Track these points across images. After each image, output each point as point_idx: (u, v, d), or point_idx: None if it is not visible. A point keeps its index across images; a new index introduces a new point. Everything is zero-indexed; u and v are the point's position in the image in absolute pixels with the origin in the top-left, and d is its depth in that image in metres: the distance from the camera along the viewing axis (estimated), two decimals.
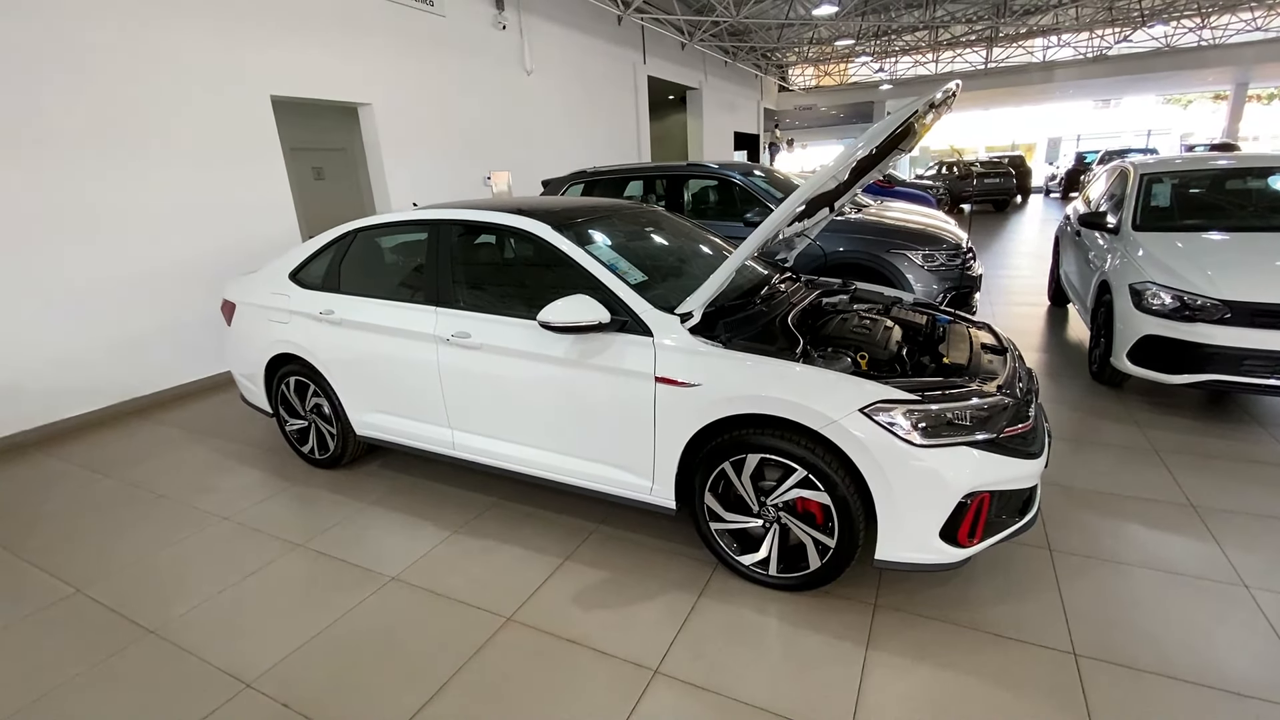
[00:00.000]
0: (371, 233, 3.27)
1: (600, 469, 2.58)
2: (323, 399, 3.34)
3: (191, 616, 2.39)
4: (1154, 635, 2.05)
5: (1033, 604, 2.23)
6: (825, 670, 1.98)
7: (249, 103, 5.29)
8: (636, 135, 11.81)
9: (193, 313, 5.05)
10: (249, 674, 2.08)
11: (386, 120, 6.64)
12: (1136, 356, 3.69)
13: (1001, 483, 2.04)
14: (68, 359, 4.39)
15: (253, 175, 5.37)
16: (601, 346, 2.42)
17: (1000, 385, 2.23)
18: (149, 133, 4.65)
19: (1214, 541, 2.52)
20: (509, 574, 2.54)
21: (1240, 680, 1.86)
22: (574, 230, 2.73)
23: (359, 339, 3.08)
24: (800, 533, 2.23)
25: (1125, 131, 30.83)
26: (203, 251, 5.07)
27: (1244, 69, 18.80)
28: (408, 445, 3.13)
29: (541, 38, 8.93)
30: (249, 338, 3.56)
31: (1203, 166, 4.66)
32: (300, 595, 2.48)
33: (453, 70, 7.45)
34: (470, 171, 7.81)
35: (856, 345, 2.42)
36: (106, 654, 2.22)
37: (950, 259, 4.72)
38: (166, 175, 4.78)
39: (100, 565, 2.76)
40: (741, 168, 5.53)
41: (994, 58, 19.51)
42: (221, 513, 3.15)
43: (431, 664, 2.08)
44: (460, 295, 2.85)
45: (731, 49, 15.48)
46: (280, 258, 3.58)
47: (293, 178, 6.17)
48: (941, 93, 2.29)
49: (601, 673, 2.01)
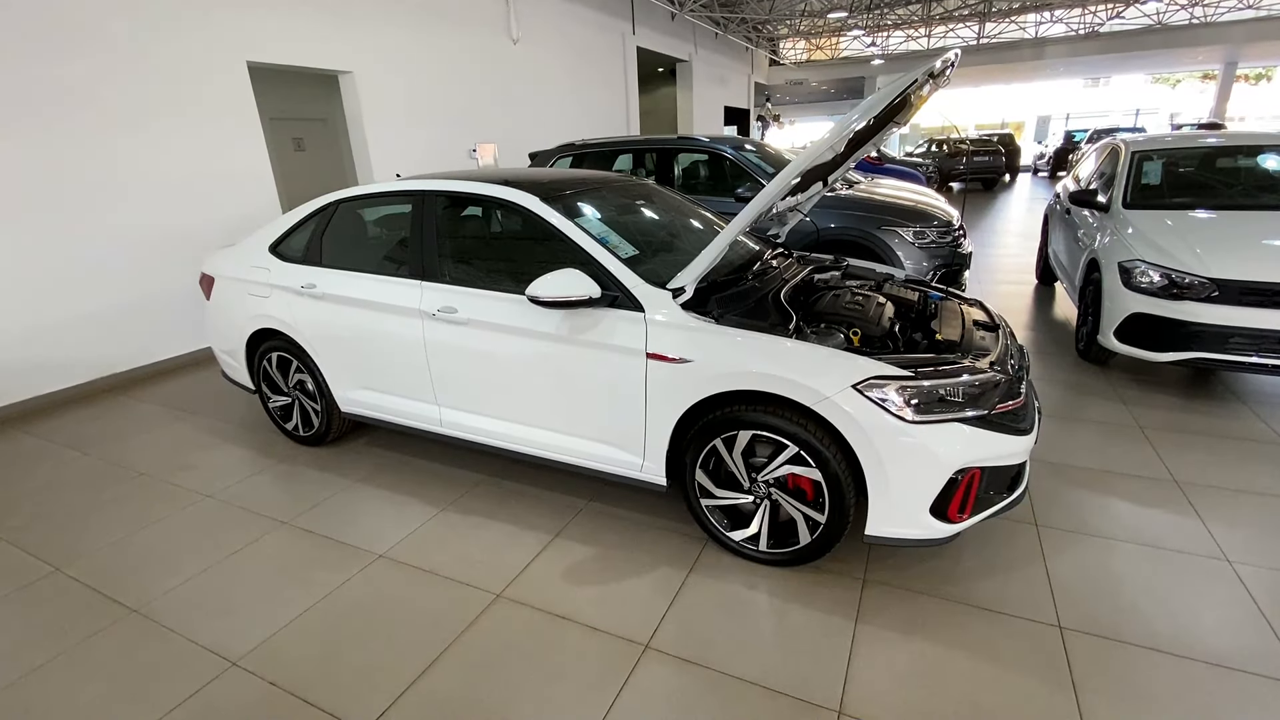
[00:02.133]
0: (354, 204, 3.18)
1: (590, 446, 2.55)
2: (306, 375, 3.27)
3: (174, 595, 2.35)
4: (1138, 608, 2.08)
5: (1019, 578, 2.25)
6: (815, 644, 1.99)
7: (224, 69, 5.10)
8: (626, 108, 11.60)
9: (171, 286, 4.92)
10: (234, 652, 2.06)
11: (369, 89, 6.45)
12: (1124, 334, 3.71)
13: (992, 459, 2.04)
14: (43, 334, 4.27)
15: (229, 145, 5.20)
16: (592, 322, 2.38)
17: (992, 362, 2.22)
18: (117, 101, 4.48)
19: (1197, 516, 2.56)
20: (498, 551, 2.52)
21: (1222, 652, 1.89)
22: (563, 203, 2.67)
23: (342, 314, 3.01)
24: (791, 508, 2.23)
25: (1114, 110, 30.87)
26: (179, 224, 4.92)
27: (1234, 48, 18.76)
28: (394, 422, 3.08)
29: (529, 5, 8.69)
30: (229, 313, 3.47)
31: (1194, 144, 4.65)
32: (286, 573, 2.45)
33: (437, 38, 7.23)
34: (456, 143, 7.63)
35: (849, 321, 2.39)
36: (87, 633, 2.18)
37: (941, 236, 4.70)
38: (138, 144, 4.61)
39: (79, 544, 2.71)
40: (733, 141, 5.45)
41: (986, 33, 19.31)
42: (204, 490, 3.10)
43: (420, 641, 2.07)
44: (446, 269, 2.78)
45: (722, 20, 15.19)
46: (260, 230, 3.49)
47: (272, 148, 6.01)
48: (940, 62, 2.24)
49: (592, 648, 2.01)
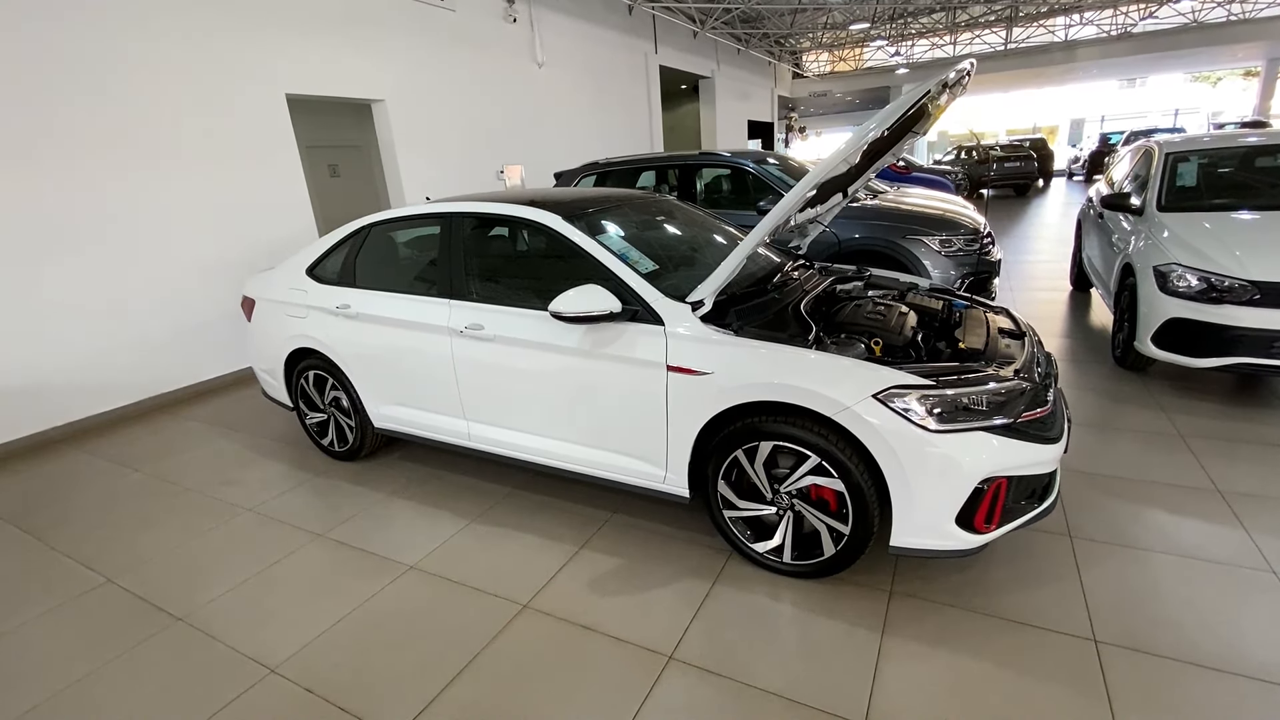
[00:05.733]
0: (385, 227, 3.30)
1: (613, 458, 2.59)
2: (341, 392, 3.39)
3: (217, 604, 2.45)
4: (1177, 621, 2.02)
5: (1052, 590, 2.20)
6: (840, 657, 1.97)
7: (265, 102, 5.36)
8: (649, 125, 11.75)
9: (215, 310, 5.14)
10: (273, 660, 2.13)
11: (400, 116, 6.69)
12: (1161, 340, 3.61)
13: (1019, 468, 2.01)
14: (95, 358, 4.50)
15: (270, 174, 5.44)
16: (613, 336, 2.43)
17: (1017, 369, 2.20)
18: (166, 135, 4.73)
19: (1240, 527, 2.47)
20: (525, 562, 2.57)
21: (1269, 668, 1.82)
22: (585, 220, 2.73)
23: (374, 332, 3.12)
24: (814, 520, 2.22)
25: (1152, 111, 30.00)
26: (223, 250, 5.16)
27: (1275, 44, 18.16)
28: (424, 437, 3.17)
29: (552, 30, 8.91)
30: (268, 333, 3.62)
31: (1230, 144, 4.52)
32: (321, 584, 2.53)
33: (464, 64, 7.47)
34: (484, 165, 7.84)
35: (870, 331, 2.39)
36: (136, 641, 2.28)
37: (968, 244, 4.64)
38: (185, 176, 4.86)
39: (129, 556, 2.84)
40: (754, 155, 5.48)
41: (1014, 38, 19.04)
42: (245, 504, 3.22)
43: (449, 650, 2.11)
44: (473, 287, 2.87)
45: (744, 36, 15.31)
46: (297, 254, 3.64)
47: (309, 175, 6.25)
48: (954, 72, 2.25)
49: (616, 659, 2.03)
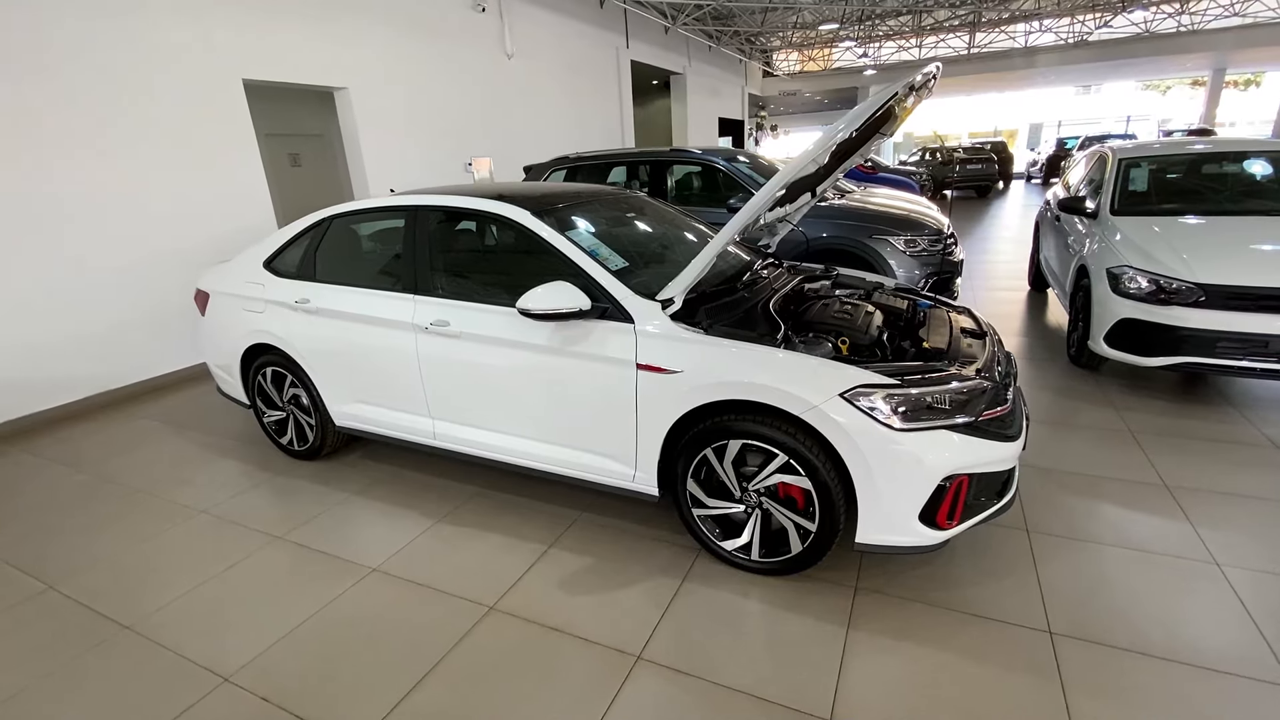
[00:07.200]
0: (347, 219, 3.21)
1: (583, 457, 2.57)
2: (300, 390, 3.29)
3: (168, 611, 2.36)
4: (1128, 613, 2.09)
5: (1010, 584, 2.26)
6: (807, 653, 1.99)
7: (220, 87, 5.15)
8: (620, 120, 11.70)
9: (168, 303, 4.94)
10: (227, 668, 2.06)
11: (364, 105, 6.51)
12: (1113, 340, 3.73)
13: (980, 465, 2.05)
14: (41, 351, 4.28)
15: (226, 161, 5.24)
16: (583, 334, 2.40)
17: (979, 369, 2.25)
18: (116, 119, 4.52)
19: (1187, 520, 2.57)
20: (492, 563, 2.53)
21: (1212, 656, 1.90)
22: (554, 216, 2.70)
23: (336, 328, 3.03)
24: (782, 517, 2.24)
25: (1105, 117, 31.07)
26: (176, 240, 4.95)
27: (1222, 54, 18.97)
28: (388, 435, 3.10)
29: (522, 20, 8.79)
30: (224, 328, 3.49)
31: (1180, 151, 4.70)
32: (280, 588, 2.45)
33: (432, 53, 7.31)
34: (452, 157, 7.69)
35: (838, 330, 2.42)
36: (80, 650, 2.18)
37: (932, 244, 4.73)
38: (136, 163, 4.65)
39: (74, 561, 2.71)
40: (725, 153, 5.50)
41: (977, 43, 19.52)
42: (199, 505, 3.10)
43: (414, 655, 2.07)
44: (439, 282, 2.81)
45: (715, 33, 15.34)
46: (255, 246, 3.51)
47: (268, 164, 6.05)
48: (921, 75, 2.28)
49: (585, 660, 2.01)
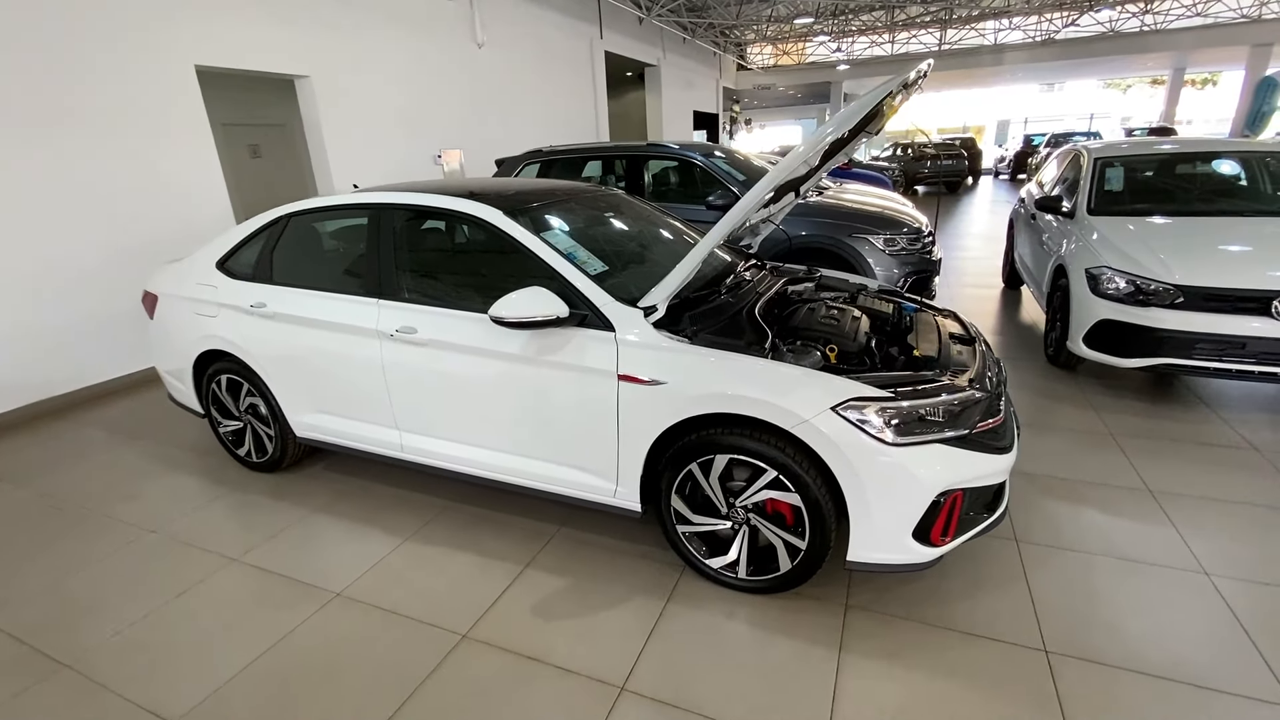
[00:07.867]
0: (307, 218, 3.02)
1: (561, 471, 2.44)
2: (258, 399, 3.09)
3: (111, 645, 2.17)
4: (1120, 628, 2.04)
5: (1002, 598, 2.20)
6: (798, 678, 1.91)
7: (170, 73, 4.85)
8: (595, 113, 11.49)
9: (115, 304, 4.65)
10: (175, 710, 1.89)
11: (327, 94, 6.23)
12: (1092, 340, 3.73)
13: (974, 479, 1.99)
14: None
15: (176, 152, 4.94)
16: (560, 342, 2.27)
17: (971, 379, 2.18)
18: (57, 105, 4.21)
19: (1172, 526, 2.55)
20: (464, 585, 2.39)
21: (1208, 674, 1.86)
22: (528, 216, 2.56)
23: (294, 334, 2.84)
24: (770, 534, 2.15)
25: (1069, 114, 31.83)
26: (124, 237, 4.66)
27: (1182, 54, 19.45)
28: (352, 448, 2.93)
29: (493, 8, 8.53)
30: (174, 333, 3.27)
31: (1155, 151, 4.73)
32: (236, 617, 2.28)
33: (398, 42, 7.04)
34: (420, 148, 7.43)
35: (825, 337, 2.33)
36: (11, 693, 1.99)
37: (911, 243, 4.69)
38: (78, 153, 4.34)
39: (5, 590, 2.49)
40: (703, 148, 5.39)
41: (948, 40, 19.71)
42: (148, 525, 2.90)
43: (379, 691, 1.93)
44: (405, 286, 2.65)
45: (690, 25, 15.18)
46: (208, 245, 3.29)
47: (225, 156, 5.75)
48: (915, 72, 2.19)
49: (565, 693, 1.89)
